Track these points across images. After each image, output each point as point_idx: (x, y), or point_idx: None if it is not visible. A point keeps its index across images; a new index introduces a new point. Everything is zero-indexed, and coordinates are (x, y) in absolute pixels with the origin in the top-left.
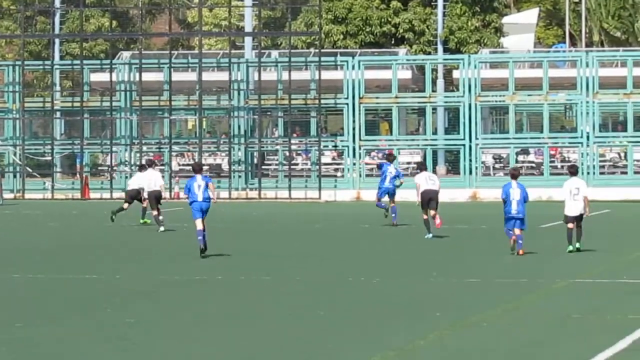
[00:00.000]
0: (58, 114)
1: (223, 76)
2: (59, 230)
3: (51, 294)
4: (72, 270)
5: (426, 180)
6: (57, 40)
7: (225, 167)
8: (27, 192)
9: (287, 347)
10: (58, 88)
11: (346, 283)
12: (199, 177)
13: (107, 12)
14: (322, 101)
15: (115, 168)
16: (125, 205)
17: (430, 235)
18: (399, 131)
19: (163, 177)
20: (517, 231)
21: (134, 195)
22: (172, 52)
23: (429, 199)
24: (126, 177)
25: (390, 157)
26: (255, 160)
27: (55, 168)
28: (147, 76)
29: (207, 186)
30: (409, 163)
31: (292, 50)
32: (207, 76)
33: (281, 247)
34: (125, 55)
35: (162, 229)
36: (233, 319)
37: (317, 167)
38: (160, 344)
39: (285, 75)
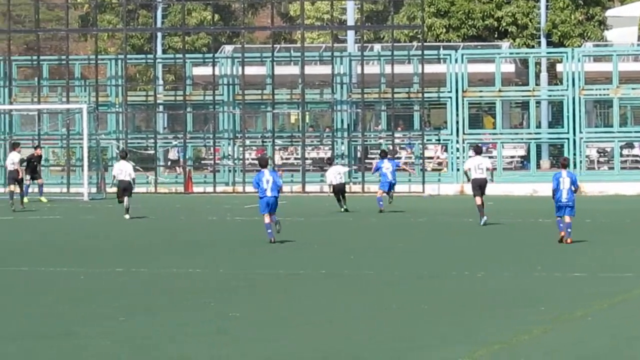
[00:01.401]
0: (161, 108)
1: (326, 70)
2: (162, 223)
3: (154, 288)
4: (175, 263)
5: (475, 169)
6: (159, 34)
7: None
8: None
9: (390, 340)
10: (161, 82)
11: (450, 277)
12: (266, 171)
13: (210, 5)
14: (425, 95)
15: (218, 162)
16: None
17: (485, 218)
18: (502, 125)
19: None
20: (567, 219)
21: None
22: (275, 45)
23: (478, 186)
24: (229, 171)
25: (384, 154)
26: (359, 154)
27: (158, 162)
28: (250, 70)
29: (275, 182)
30: (512, 157)
31: (395, 44)
32: (309, 70)
33: (383, 241)
34: (228, 49)
35: (127, 216)
36: (336, 313)
37: (420, 160)
38: (261, 338)
39: (387, 69)
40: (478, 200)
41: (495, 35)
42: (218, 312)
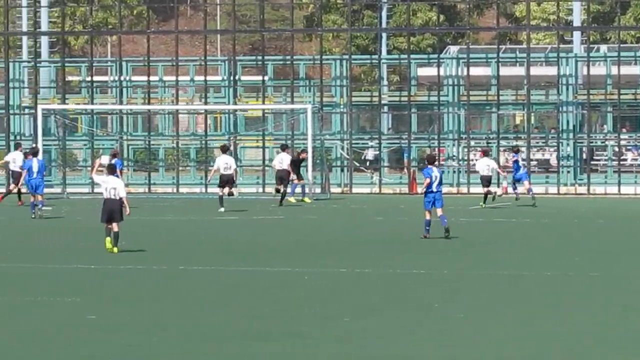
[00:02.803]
0: (385, 109)
1: (551, 71)
2: (386, 224)
3: (378, 288)
4: (399, 264)
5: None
6: (384, 34)
7: (553, 162)
8: (355, 187)
9: (618, 344)
10: (385, 82)
11: None
12: (435, 169)
13: (435, 6)
14: None
15: (442, 163)
16: None
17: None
18: None
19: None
20: None
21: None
22: (500, 46)
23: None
24: (454, 172)
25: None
26: (584, 156)
27: (382, 162)
28: (475, 70)
29: (440, 178)
30: None
31: (621, 45)
32: (535, 71)
33: (607, 243)
34: (453, 49)
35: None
36: (563, 315)
37: None
38: (486, 339)
39: (614, 70)
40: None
41: None
42: (442, 313)
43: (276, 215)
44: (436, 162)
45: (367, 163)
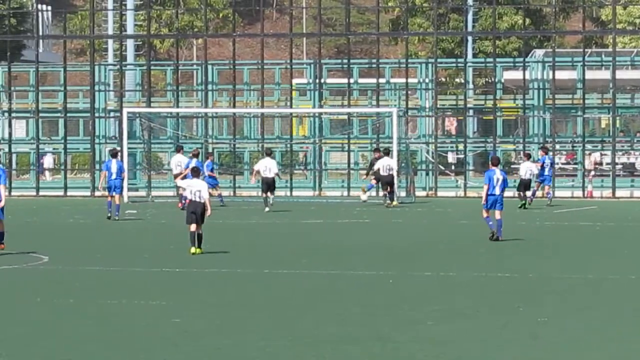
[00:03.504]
0: (471, 112)
1: (637, 74)
2: (470, 227)
3: (461, 291)
4: (484, 267)
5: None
6: (469, 38)
7: (638, 166)
8: (440, 190)
9: None
10: (471, 86)
11: None
12: (497, 170)
13: (521, 9)
14: None
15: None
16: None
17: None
18: None
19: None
20: None
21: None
22: (586, 50)
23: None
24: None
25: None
26: None
27: (467, 166)
28: (560, 74)
29: (505, 181)
30: None
31: None
32: (620, 74)
33: None
34: (539, 53)
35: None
36: None
37: None
38: (570, 343)
39: None
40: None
41: None
42: (526, 317)
43: (361, 218)
44: (500, 165)
45: (452, 167)
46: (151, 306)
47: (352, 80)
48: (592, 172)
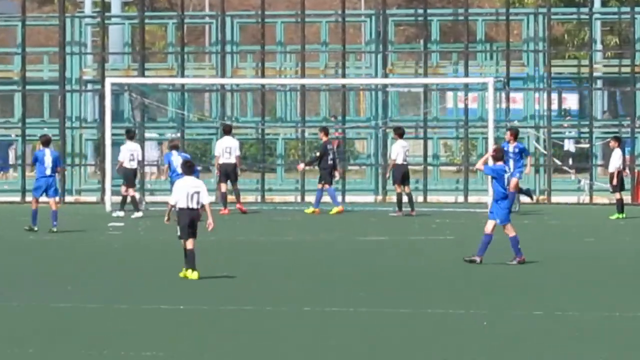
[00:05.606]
0: (599, 83)
1: None
2: (599, 247)
3: (583, 336)
4: (615, 305)
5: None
6: None
7: None
8: (555, 194)
9: None
10: (599, 46)
11: None
12: None
13: None
14: None
15: None
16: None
17: None
18: None
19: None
20: None
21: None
22: None
23: None
24: None
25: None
26: None
27: (594, 160)
28: None
29: None
30: None
31: None
32: None
33: None
34: None
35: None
36: None
37: None
38: None
39: None
40: None
41: None
42: None
43: (442, 235)
44: None
45: (570, 161)
46: (144, 358)
47: (430, 39)
48: None
